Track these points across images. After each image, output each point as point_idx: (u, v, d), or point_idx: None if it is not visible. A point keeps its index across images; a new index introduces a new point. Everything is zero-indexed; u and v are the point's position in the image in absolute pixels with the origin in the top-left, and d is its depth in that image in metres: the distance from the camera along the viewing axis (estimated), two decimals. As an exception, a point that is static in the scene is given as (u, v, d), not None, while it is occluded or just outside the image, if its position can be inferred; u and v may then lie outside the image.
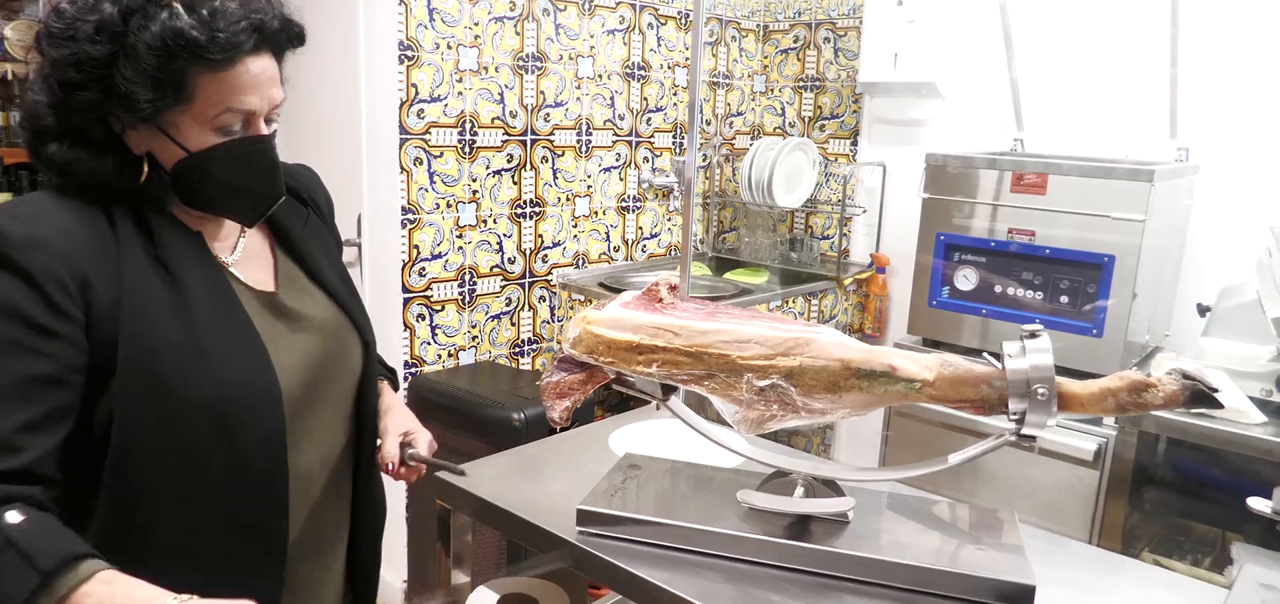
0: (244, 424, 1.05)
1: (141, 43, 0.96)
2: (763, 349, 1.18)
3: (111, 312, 0.98)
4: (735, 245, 3.62)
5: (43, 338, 0.94)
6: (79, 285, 0.96)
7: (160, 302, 1.01)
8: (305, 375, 1.14)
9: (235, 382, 1.04)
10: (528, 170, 2.82)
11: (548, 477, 1.49)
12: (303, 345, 1.16)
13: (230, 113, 1.03)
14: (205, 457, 1.03)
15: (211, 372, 1.02)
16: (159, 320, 1.00)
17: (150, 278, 1.02)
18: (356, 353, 1.24)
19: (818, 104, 3.45)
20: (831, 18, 3.36)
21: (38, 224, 0.97)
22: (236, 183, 1.07)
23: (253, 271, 1.17)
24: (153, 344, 0.99)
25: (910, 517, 1.30)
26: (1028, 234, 2.22)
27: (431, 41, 2.51)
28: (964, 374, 1.14)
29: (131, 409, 0.98)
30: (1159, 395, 1.11)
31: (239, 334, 1.07)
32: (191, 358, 1.01)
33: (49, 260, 0.95)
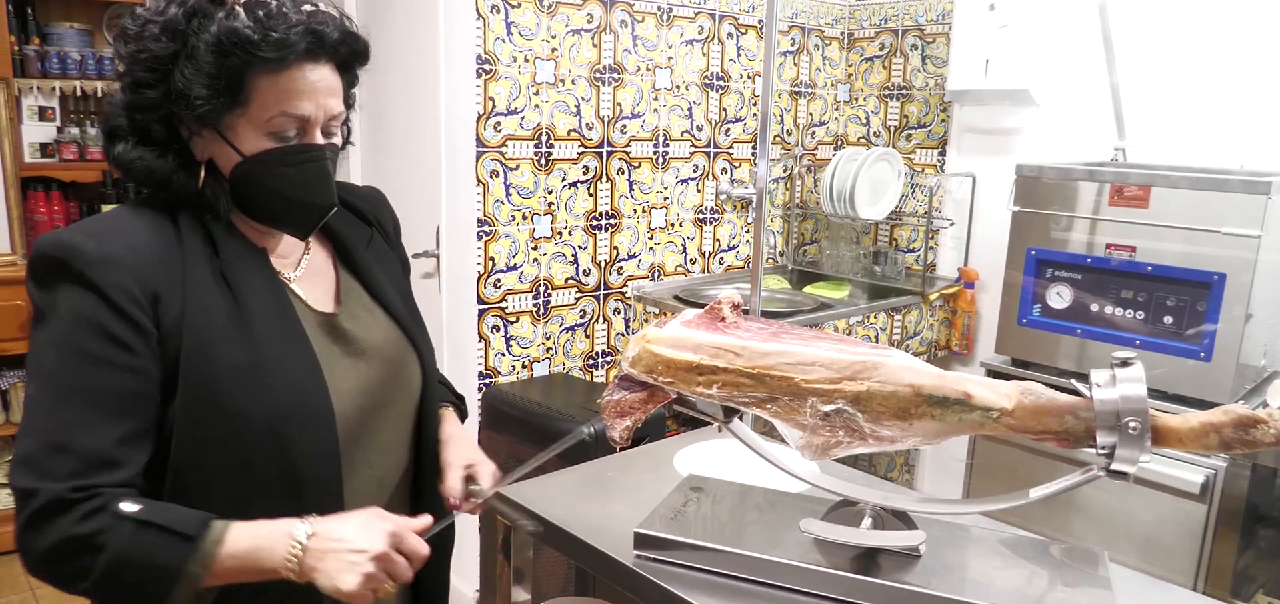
0: (298, 445, 1.04)
1: (201, 42, 0.99)
2: (828, 372, 1.12)
3: (177, 326, 1.00)
4: (817, 258, 3.54)
5: (125, 353, 0.96)
6: (150, 300, 0.99)
7: (221, 318, 1.02)
8: (361, 398, 1.13)
9: (291, 403, 1.04)
10: (604, 182, 2.82)
11: (610, 496, 1.46)
12: (359, 368, 1.15)
13: (284, 117, 1.04)
14: (260, 476, 1.03)
15: (269, 392, 1.03)
16: (219, 338, 1.01)
17: (213, 293, 1.03)
18: (416, 377, 1.23)
19: (904, 113, 3.33)
20: (919, 24, 3.24)
21: (110, 240, 1.00)
22: (287, 191, 1.07)
23: (314, 290, 1.17)
24: (214, 361, 1.00)
25: (989, 553, 1.22)
26: (1128, 250, 2.08)
27: (509, 55, 2.53)
28: (1047, 404, 1.06)
29: (191, 425, 1.00)
30: (1270, 432, 1.01)
31: (296, 355, 1.07)
32: (250, 377, 1.02)
33: (121, 276, 0.97)
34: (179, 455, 1.00)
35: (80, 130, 3.39)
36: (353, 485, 1.12)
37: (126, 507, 0.92)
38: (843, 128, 3.55)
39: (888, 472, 3.30)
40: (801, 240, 3.57)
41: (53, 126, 3.35)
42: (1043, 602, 1.08)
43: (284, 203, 1.08)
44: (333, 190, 1.12)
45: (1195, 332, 2.00)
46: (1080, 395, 1.04)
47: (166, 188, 1.06)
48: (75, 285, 0.96)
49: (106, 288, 0.96)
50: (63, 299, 0.96)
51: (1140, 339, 2.07)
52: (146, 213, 1.06)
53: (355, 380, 1.13)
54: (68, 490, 0.91)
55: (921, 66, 3.26)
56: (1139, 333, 2.08)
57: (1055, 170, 2.23)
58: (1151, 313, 2.06)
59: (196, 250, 1.04)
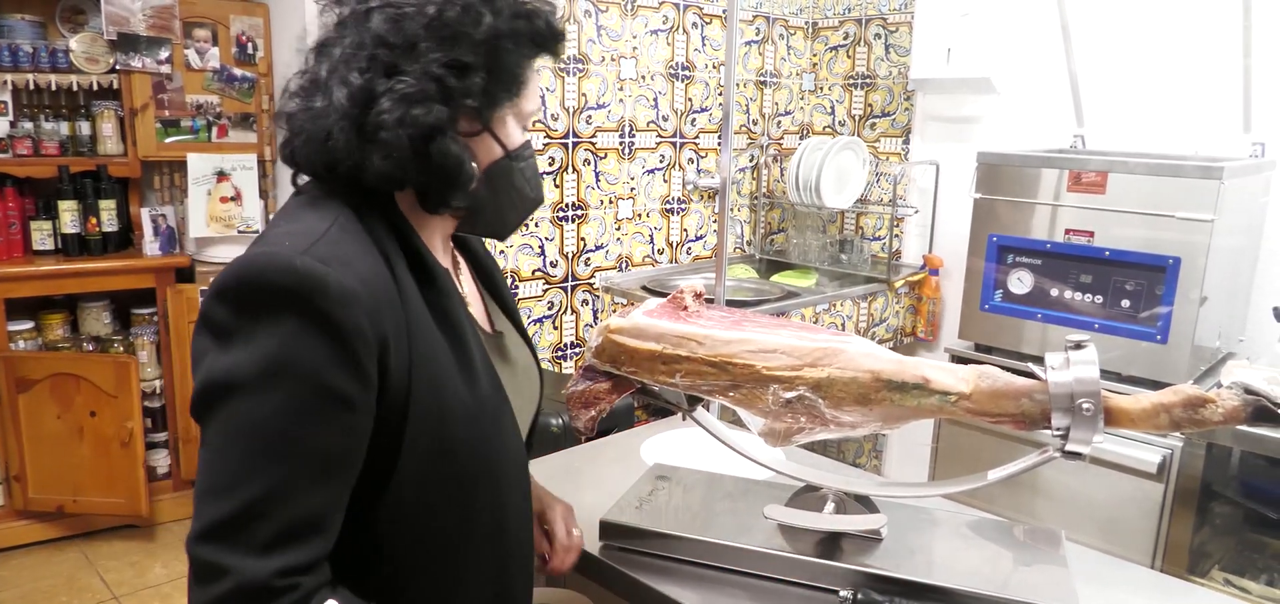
0: (506, 484, 0.96)
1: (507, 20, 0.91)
2: (789, 360, 1.13)
3: (404, 368, 0.85)
4: (784, 247, 3.56)
5: (349, 412, 0.81)
6: (380, 347, 0.83)
7: (446, 359, 0.90)
8: (527, 423, 1.08)
9: (504, 441, 0.96)
10: (570, 173, 2.81)
11: (577, 486, 1.46)
12: (525, 392, 1.08)
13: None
14: (474, 518, 0.93)
15: (488, 432, 0.93)
16: (447, 381, 0.89)
17: (433, 331, 0.90)
18: (537, 395, 1.15)
19: (868, 102, 3.36)
20: (882, 13, 3.27)
21: (348, 271, 0.81)
22: (530, 190, 1.00)
23: (476, 309, 1.07)
24: (441, 405, 0.88)
25: (950, 535, 1.24)
26: (1086, 235, 2.12)
27: (472, 46, 2.51)
28: (1003, 387, 1.08)
29: (417, 469, 0.87)
30: (1218, 411, 1.03)
31: (498, 389, 0.96)
32: (476, 420, 0.91)
33: (360, 318, 0.80)
34: (400, 502, 0.87)
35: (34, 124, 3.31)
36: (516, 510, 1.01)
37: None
38: (808, 117, 3.57)
39: (856, 458, 3.33)
40: (769, 229, 3.59)
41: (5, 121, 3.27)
42: (1002, 581, 1.09)
43: (524, 201, 1.00)
44: (541, 188, 1.05)
45: (1151, 314, 2.04)
46: (1036, 378, 1.06)
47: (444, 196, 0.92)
48: (308, 324, 0.78)
49: (348, 333, 0.79)
50: (286, 337, 0.78)
51: (1098, 323, 2.11)
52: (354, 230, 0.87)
53: (522, 402, 1.05)
54: (271, 576, 0.75)
55: (885, 55, 3.28)
56: (1097, 316, 2.12)
57: (1016, 158, 2.26)
58: (1109, 297, 2.10)
59: (406, 278, 0.89)
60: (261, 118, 3.62)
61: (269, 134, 3.65)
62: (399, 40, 0.87)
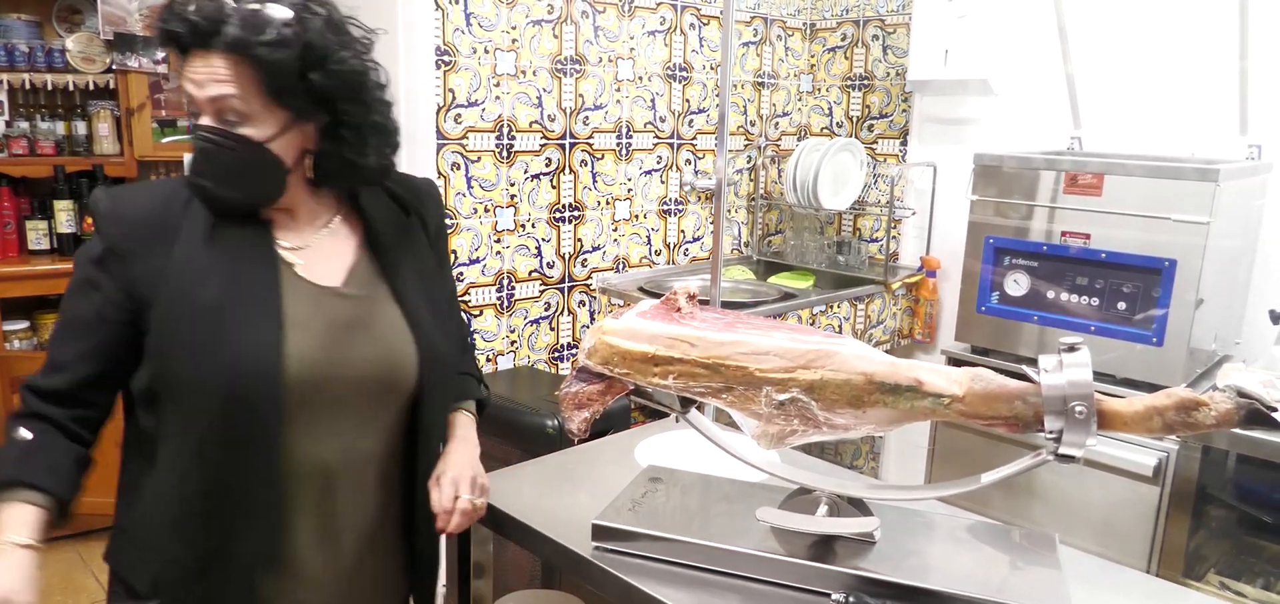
0: (243, 395, 1.11)
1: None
2: (782, 362, 1.13)
3: (155, 279, 1.12)
4: (781, 248, 3.55)
5: (94, 291, 1.14)
6: (128, 254, 1.13)
7: (199, 276, 1.12)
8: (332, 370, 1.16)
9: (244, 355, 1.11)
10: (567, 174, 2.80)
11: (570, 487, 1.46)
12: (347, 344, 1.18)
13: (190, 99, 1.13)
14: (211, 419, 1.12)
15: (224, 342, 1.11)
16: (194, 285, 1.12)
17: (199, 257, 1.13)
18: (409, 365, 1.23)
19: (866, 103, 3.36)
20: (880, 14, 3.26)
21: (122, 204, 1.16)
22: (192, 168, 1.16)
23: (319, 266, 1.21)
24: (181, 310, 1.11)
25: (944, 538, 1.23)
26: (1083, 237, 2.11)
27: (468, 46, 2.51)
28: (996, 390, 1.08)
29: (157, 364, 1.13)
30: (1211, 414, 1.03)
31: (262, 310, 1.14)
32: (211, 326, 1.11)
33: (114, 232, 1.14)
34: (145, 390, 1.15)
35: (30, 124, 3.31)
36: (314, 454, 1.17)
37: (22, 433, 1.12)
38: (806, 118, 3.57)
39: (852, 460, 3.32)
40: (766, 231, 3.58)
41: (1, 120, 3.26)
42: (995, 585, 1.09)
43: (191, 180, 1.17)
44: (203, 168, 1.14)
45: (1147, 317, 2.04)
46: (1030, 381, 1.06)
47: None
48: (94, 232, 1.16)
49: (105, 240, 1.14)
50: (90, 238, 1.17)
51: (1095, 325, 2.11)
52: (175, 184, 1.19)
53: (335, 351, 1.17)
54: (24, 386, 1.15)
55: (883, 57, 3.28)
56: (1094, 319, 2.11)
57: (1013, 159, 2.26)
58: (1106, 299, 2.09)
59: (198, 221, 1.15)
60: (258, 118, 3.62)
61: (266, 134, 3.65)
62: None
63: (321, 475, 1.18)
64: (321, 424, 1.17)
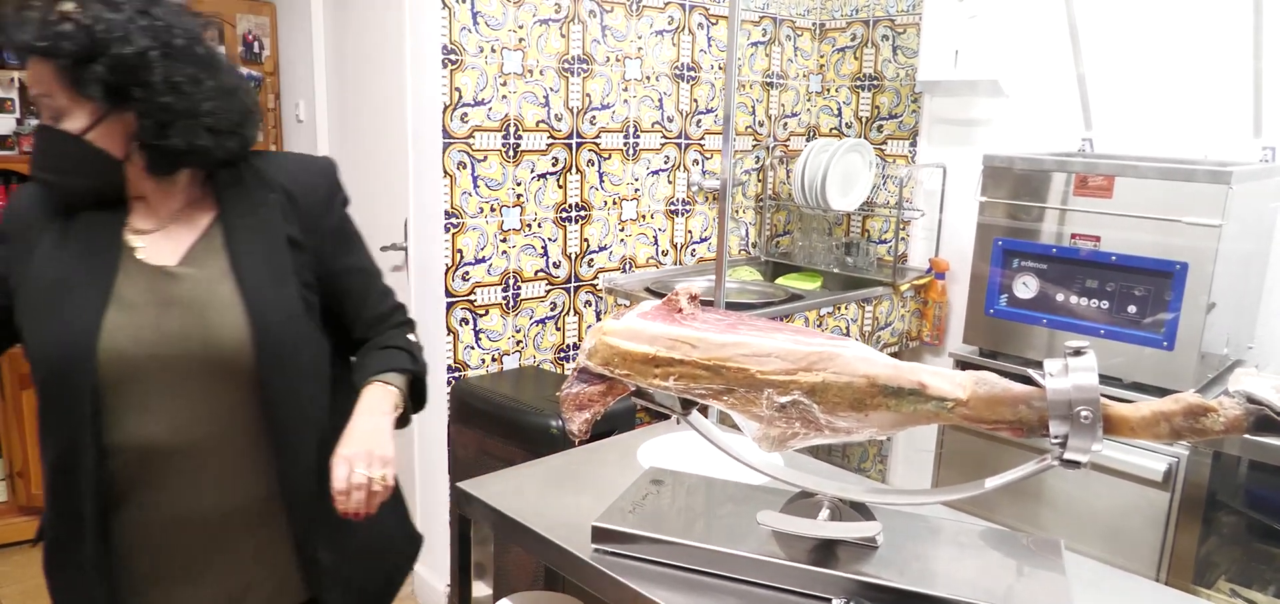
0: (61, 368, 1.19)
1: None
2: (783, 364, 1.11)
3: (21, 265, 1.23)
4: (790, 249, 3.54)
5: None
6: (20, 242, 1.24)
7: (46, 262, 1.22)
8: (156, 348, 1.20)
9: (59, 336, 1.19)
10: (573, 174, 2.80)
11: (572, 489, 1.45)
12: (169, 320, 1.22)
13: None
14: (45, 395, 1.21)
15: (47, 324, 1.20)
16: (34, 276, 1.22)
17: (52, 246, 1.23)
18: (239, 341, 1.22)
19: (876, 104, 3.34)
20: (890, 14, 3.25)
21: (15, 196, 1.29)
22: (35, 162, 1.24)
23: (160, 247, 1.26)
24: (26, 293, 1.22)
25: (947, 544, 1.22)
26: (1093, 240, 2.09)
27: (475, 45, 2.51)
28: (1001, 394, 1.06)
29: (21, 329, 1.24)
30: (1219, 421, 1.01)
31: (86, 292, 1.21)
32: (41, 302, 1.21)
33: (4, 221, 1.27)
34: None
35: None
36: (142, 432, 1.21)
37: None
38: (815, 119, 3.55)
39: (860, 463, 3.31)
40: (774, 232, 3.57)
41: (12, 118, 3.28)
42: (998, 591, 1.08)
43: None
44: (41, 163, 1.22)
45: (1158, 321, 2.02)
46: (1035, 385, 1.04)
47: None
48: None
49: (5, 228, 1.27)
50: None
51: (1105, 328, 2.08)
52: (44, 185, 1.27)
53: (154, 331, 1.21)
54: None
55: (892, 57, 3.26)
56: (1104, 322, 2.09)
57: (1022, 160, 2.23)
58: (1116, 302, 2.07)
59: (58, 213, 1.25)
60: (268, 116, 3.63)
61: (276, 133, 3.65)
62: None
63: (154, 452, 1.22)
64: (150, 402, 1.21)
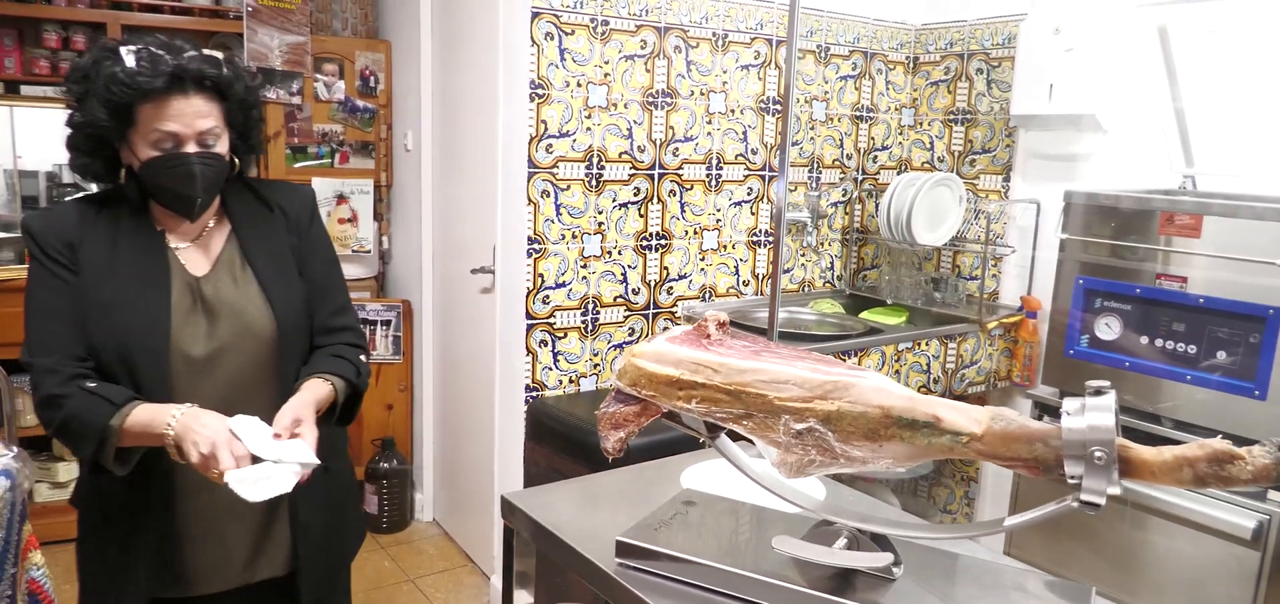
0: (140, 363, 1.42)
1: (101, 82, 1.39)
2: (800, 391, 1.14)
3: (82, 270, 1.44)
4: (877, 283, 3.49)
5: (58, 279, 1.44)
6: (68, 246, 1.45)
7: (102, 272, 1.44)
8: (206, 343, 1.48)
9: (133, 331, 1.43)
10: (655, 203, 2.87)
11: (612, 506, 1.50)
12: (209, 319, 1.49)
13: (159, 133, 1.41)
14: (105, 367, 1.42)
15: (118, 324, 1.42)
16: (95, 285, 1.43)
17: (104, 256, 1.45)
18: (266, 327, 1.52)
19: (968, 138, 3.27)
20: (985, 48, 3.18)
21: (45, 218, 1.47)
22: (166, 185, 1.44)
23: (196, 258, 1.53)
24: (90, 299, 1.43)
25: (969, 581, 1.20)
26: (1180, 280, 2.00)
27: (561, 80, 2.62)
28: (1016, 431, 1.05)
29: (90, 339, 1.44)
30: (1247, 469, 0.97)
31: (151, 300, 1.45)
32: (108, 313, 1.42)
33: (51, 235, 1.45)
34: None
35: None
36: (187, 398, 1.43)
37: (91, 383, 1.39)
38: (907, 152, 3.50)
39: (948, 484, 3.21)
40: (861, 265, 3.53)
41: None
42: (1010, 631, 1.06)
43: (169, 194, 1.46)
44: (198, 187, 1.45)
45: (1249, 367, 1.90)
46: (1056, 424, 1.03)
47: (98, 180, 1.50)
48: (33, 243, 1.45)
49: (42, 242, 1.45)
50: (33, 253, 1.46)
51: (1191, 374, 1.98)
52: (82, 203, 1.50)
53: (201, 328, 1.48)
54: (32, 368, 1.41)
55: (986, 91, 3.19)
56: (1190, 367, 1.99)
57: (1105, 197, 2.16)
58: (1203, 347, 1.97)
59: (101, 230, 1.47)
60: (380, 146, 3.88)
61: (386, 161, 3.90)
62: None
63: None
64: (205, 384, 1.47)
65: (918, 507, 3.23)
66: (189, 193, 1.45)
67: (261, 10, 3.59)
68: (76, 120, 1.44)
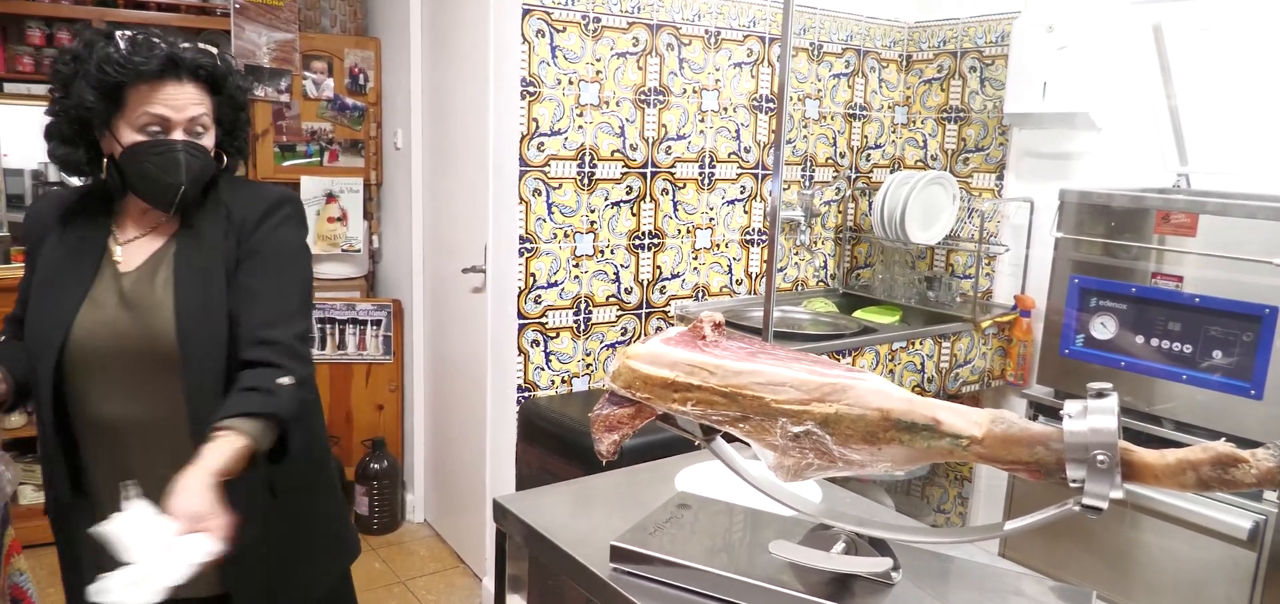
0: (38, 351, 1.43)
1: (92, 63, 1.35)
2: (797, 394, 1.12)
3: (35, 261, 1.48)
4: (870, 282, 3.48)
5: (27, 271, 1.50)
6: (33, 239, 1.49)
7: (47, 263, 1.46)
8: (112, 342, 1.43)
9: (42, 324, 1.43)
10: (647, 202, 2.85)
11: (606, 509, 1.48)
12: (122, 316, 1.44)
13: (148, 116, 1.38)
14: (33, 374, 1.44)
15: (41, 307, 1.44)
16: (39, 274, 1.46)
17: (54, 249, 1.47)
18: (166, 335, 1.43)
19: (962, 136, 3.26)
20: (978, 46, 3.17)
21: (35, 205, 1.55)
22: (148, 173, 1.40)
23: (132, 257, 1.48)
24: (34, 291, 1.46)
25: (969, 586, 1.19)
26: (1175, 280, 1.99)
27: (553, 78, 2.60)
28: (1017, 434, 1.04)
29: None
30: (1251, 472, 0.96)
31: (69, 290, 1.44)
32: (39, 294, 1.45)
33: (30, 222, 1.52)
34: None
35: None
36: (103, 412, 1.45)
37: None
38: (899, 151, 3.49)
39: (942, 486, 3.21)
40: (854, 264, 3.52)
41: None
42: (1011, 637, 1.05)
43: (149, 182, 1.41)
44: (181, 174, 1.41)
45: (1245, 367, 1.90)
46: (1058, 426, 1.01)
47: (79, 172, 1.45)
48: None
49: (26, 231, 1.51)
50: None
51: (1187, 373, 1.97)
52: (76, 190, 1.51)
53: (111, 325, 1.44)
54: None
55: (980, 89, 3.18)
56: (1186, 367, 1.98)
57: (1099, 195, 2.15)
58: (1199, 346, 1.96)
59: (70, 218, 1.48)
60: (369, 144, 3.84)
61: (376, 159, 3.87)
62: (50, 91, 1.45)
63: (111, 430, 1.45)
64: (110, 386, 1.44)
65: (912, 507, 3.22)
66: (173, 181, 1.40)
67: (249, 7, 3.55)
68: (61, 104, 1.40)
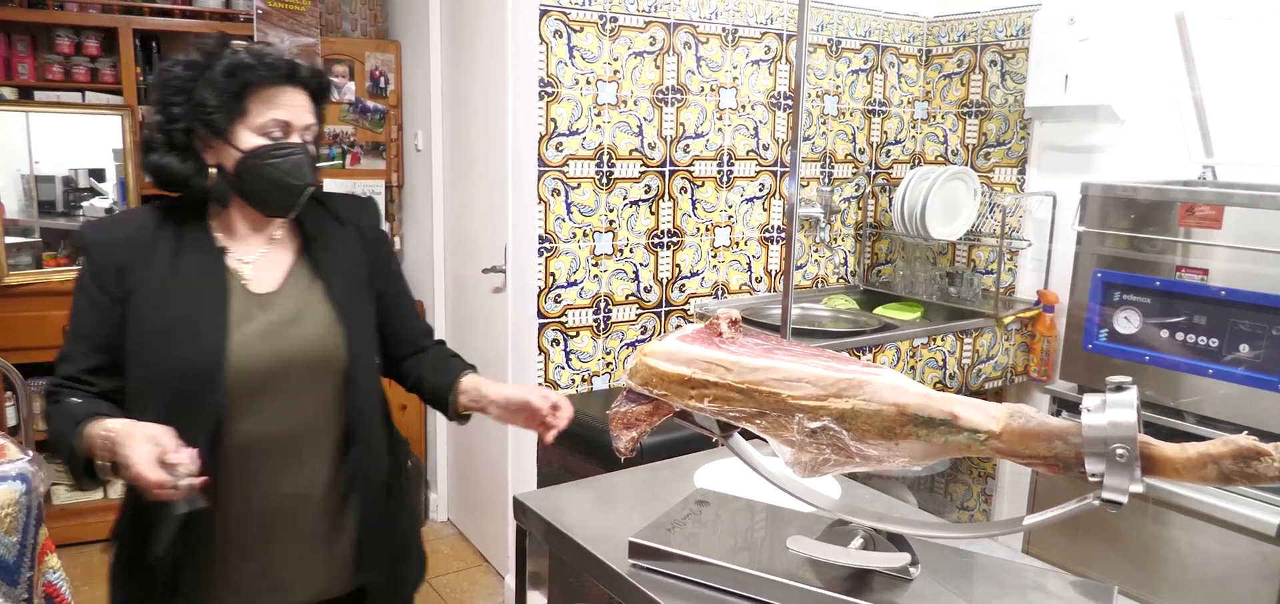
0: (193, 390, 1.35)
1: (216, 69, 1.35)
2: (814, 389, 1.12)
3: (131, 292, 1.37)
4: (891, 278, 3.46)
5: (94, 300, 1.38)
6: (116, 269, 1.37)
7: (163, 292, 1.37)
8: (273, 364, 1.39)
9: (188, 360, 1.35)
10: (666, 201, 2.85)
11: (625, 506, 1.49)
12: (278, 335, 1.41)
13: (272, 122, 1.38)
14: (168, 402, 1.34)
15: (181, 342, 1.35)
16: (156, 306, 1.36)
17: (164, 274, 1.38)
18: (337, 347, 1.44)
19: (982, 130, 3.24)
20: (998, 39, 3.15)
21: (102, 231, 1.43)
22: (276, 176, 1.38)
23: (263, 275, 1.44)
24: (146, 320, 1.36)
25: (989, 581, 1.18)
26: (1200, 273, 1.97)
27: (571, 77, 2.61)
28: (1035, 428, 1.03)
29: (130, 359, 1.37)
30: (1274, 466, 0.95)
31: (210, 318, 1.37)
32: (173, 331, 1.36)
33: (102, 253, 1.38)
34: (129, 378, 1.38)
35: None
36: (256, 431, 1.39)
37: (73, 399, 1.35)
38: (920, 146, 3.47)
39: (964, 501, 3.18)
40: (875, 260, 3.50)
41: (170, 149, 3.65)
42: (1031, 632, 1.04)
43: (273, 186, 1.39)
44: (308, 176, 1.40)
45: (1273, 360, 1.87)
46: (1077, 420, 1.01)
47: (186, 186, 1.40)
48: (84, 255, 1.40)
49: (94, 257, 1.38)
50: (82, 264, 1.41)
51: (1213, 368, 1.95)
52: (146, 211, 1.43)
53: (267, 344, 1.40)
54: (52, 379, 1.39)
55: (1001, 83, 3.16)
56: (1212, 361, 1.95)
57: (1123, 188, 2.13)
58: (1225, 340, 1.93)
59: (165, 241, 1.40)
60: (391, 146, 3.88)
61: (397, 161, 3.90)
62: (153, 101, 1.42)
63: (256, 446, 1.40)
64: (266, 404, 1.39)
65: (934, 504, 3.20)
66: (298, 182, 1.39)
67: (271, 12, 3.60)
68: (179, 110, 1.36)
